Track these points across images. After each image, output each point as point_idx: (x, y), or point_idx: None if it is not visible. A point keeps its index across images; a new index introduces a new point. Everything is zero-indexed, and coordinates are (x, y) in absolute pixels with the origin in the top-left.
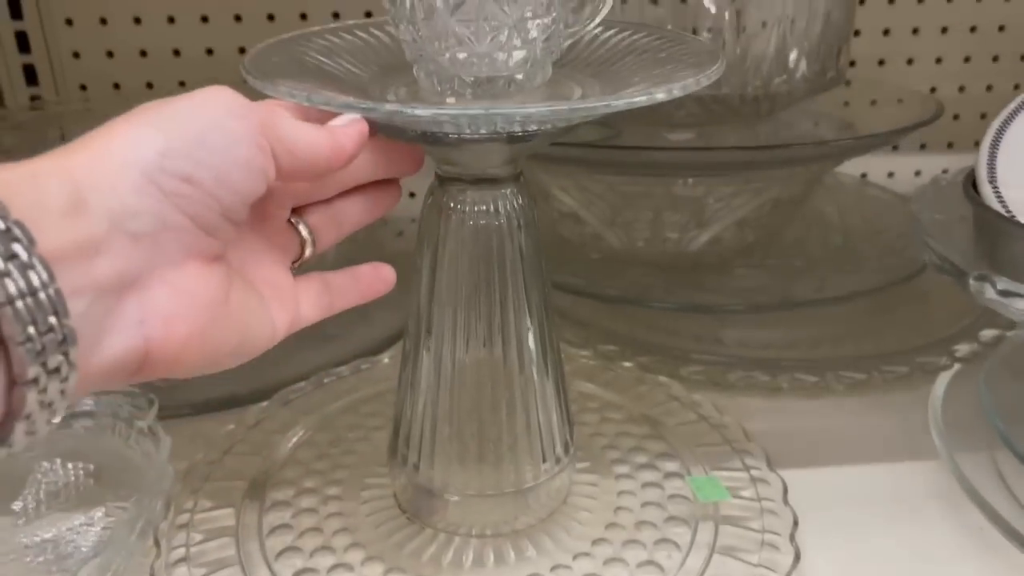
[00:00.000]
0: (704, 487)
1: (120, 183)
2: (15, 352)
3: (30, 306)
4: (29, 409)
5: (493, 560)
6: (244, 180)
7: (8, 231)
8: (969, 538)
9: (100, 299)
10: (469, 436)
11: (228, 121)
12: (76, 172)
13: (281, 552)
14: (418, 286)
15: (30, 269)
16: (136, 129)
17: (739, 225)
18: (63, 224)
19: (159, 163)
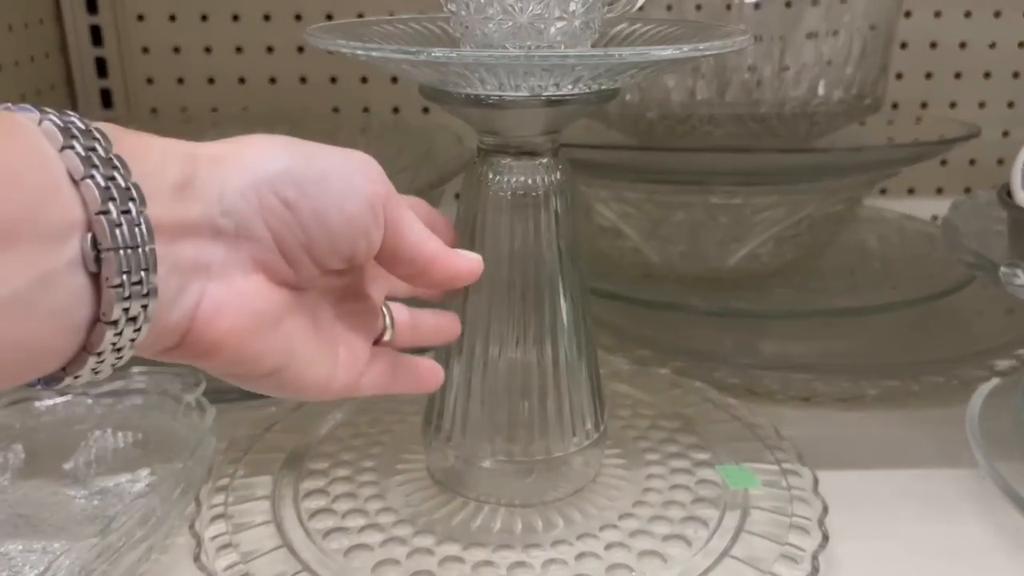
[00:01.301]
0: (733, 474)
1: (230, 183)
2: (106, 293)
3: (130, 256)
4: (103, 347)
5: (521, 528)
6: (342, 229)
7: (128, 189)
8: (1003, 537)
9: (174, 273)
10: (501, 413)
11: (355, 176)
12: (199, 159)
13: (315, 513)
14: None
15: (137, 226)
16: (270, 146)
17: (777, 242)
18: (170, 200)
19: (271, 179)
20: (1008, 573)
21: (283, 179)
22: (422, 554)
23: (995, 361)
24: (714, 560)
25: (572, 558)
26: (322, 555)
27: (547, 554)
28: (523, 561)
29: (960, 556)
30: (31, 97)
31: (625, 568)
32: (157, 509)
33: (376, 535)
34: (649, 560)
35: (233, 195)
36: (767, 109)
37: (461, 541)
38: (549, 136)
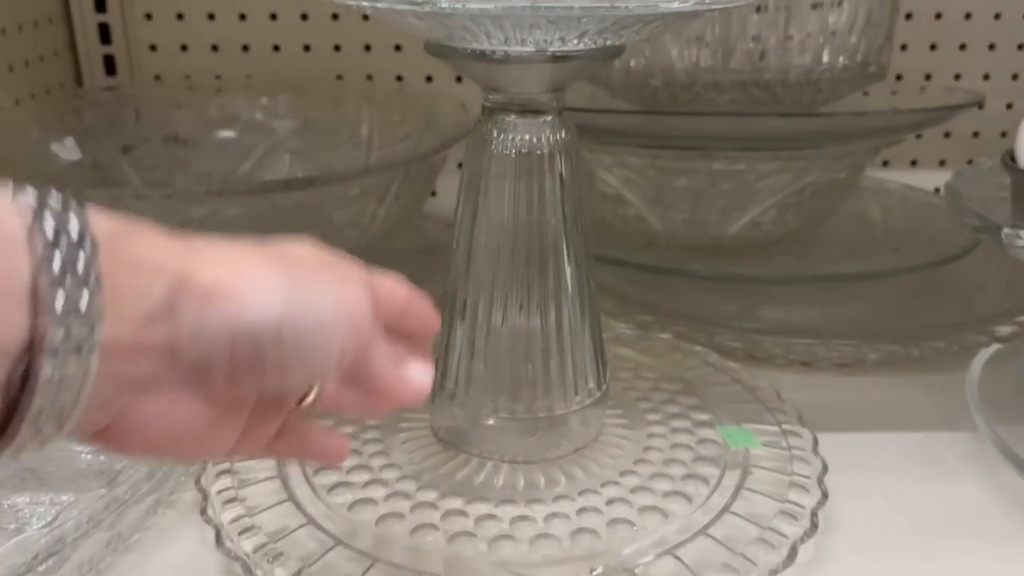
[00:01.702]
0: (734, 434)
1: (210, 321)
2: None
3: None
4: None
5: (523, 484)
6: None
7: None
8: (1002, 498)
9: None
10: (504, 374)
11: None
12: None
13: (319, 469)
14: (460, 227)
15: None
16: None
17: (780, 209)
18: (140, 325)
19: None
20: (1006, 532)
21: (267, 335)
22: (425, 508)
23: (996, 327)
24: (714, 516)
25: (574, 512)
26: (327, 509)
27: (549, 508)
28: (525, 515)
29: (958, 515)
30: (34, 63)
31: (626, 523)
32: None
33: (380, 490)
34: (650, 515)
35: (208, 332)
36: (771, 76)
37: (464, 496)
38: (554, 94)
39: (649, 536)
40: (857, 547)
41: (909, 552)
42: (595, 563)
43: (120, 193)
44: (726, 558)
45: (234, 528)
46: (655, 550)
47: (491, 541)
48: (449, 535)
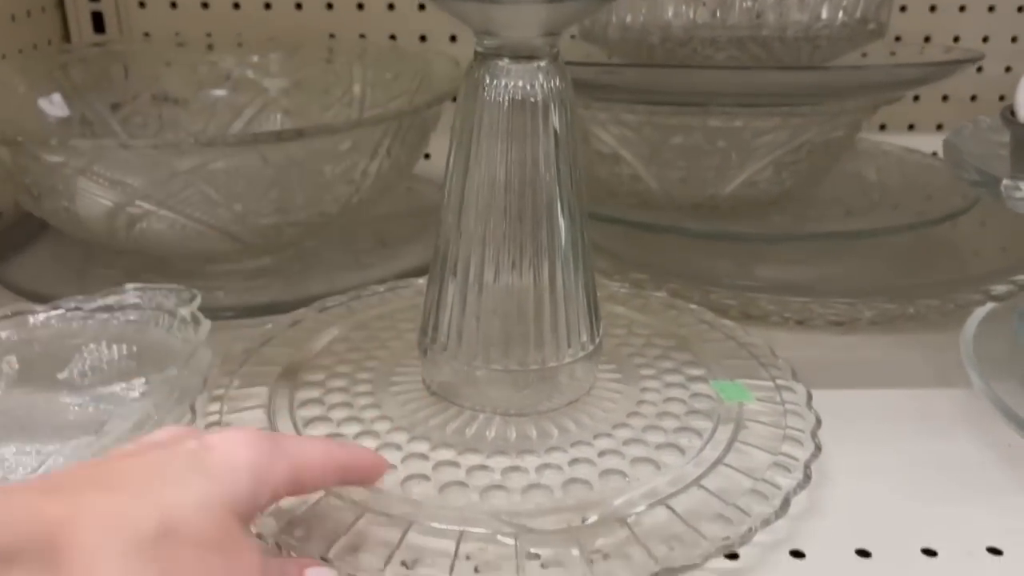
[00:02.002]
0: (728, 389)
1: None
2: None
3: None
4: None
5: (515, 436)
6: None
7: None
8: (995, 453)
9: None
10: (496, 329)
11: None
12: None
13: (310, 421)
14: (450, 180)
15: None
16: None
17: (776, 168)
18: None
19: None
20: (1000, 486)
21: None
22: (416, 459)
23: (991, 286)
24: (707, 468)
25: (566, 463)
26: None
27: (541, 459)
28: (517, 466)
29: (952, 469)
30: (21, 19)
31: (619, 474)
32: (152, 414)
33: (371, 441)
34: (642, 466)
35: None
36: (769, 33)
37: (456, 447)
38: (548, 39)
39: (641, 487)
40: (850, 499)
41: (902, 504)
42: (587, 513)
43: (105, 144)
44: (719, 508)
45: None
46: (647, 500)
47: (483, 491)
48: (440, 485)
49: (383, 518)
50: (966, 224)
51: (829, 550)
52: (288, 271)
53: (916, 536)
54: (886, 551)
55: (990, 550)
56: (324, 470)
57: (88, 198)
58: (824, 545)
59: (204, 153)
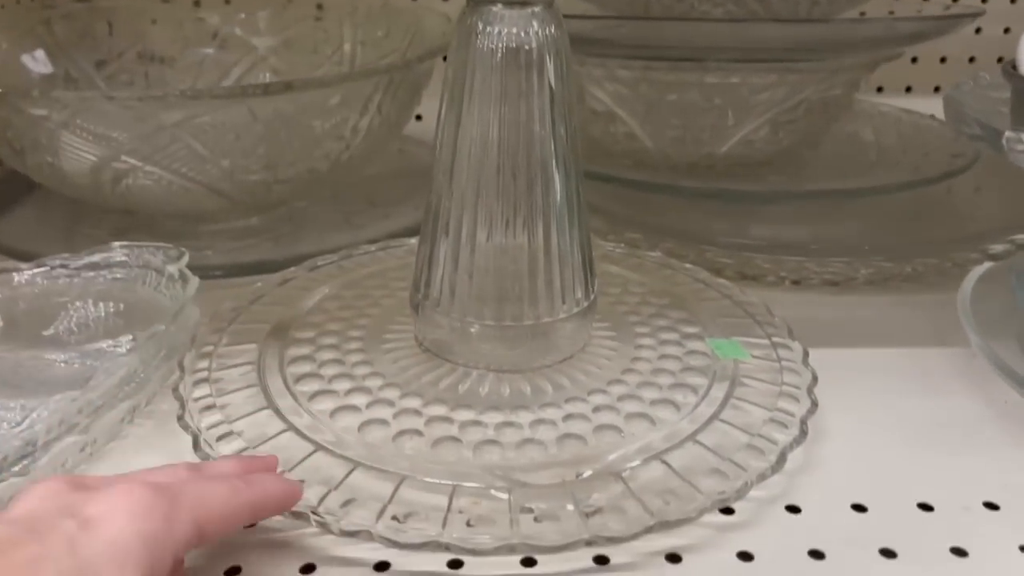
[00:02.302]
0: (723, 347)
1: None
2: None
3: None
4: None
5: (509, 392)
6: None
7: None
8: (993, 410)
9: None
10: (489, 287)
11: None
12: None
13: (300, 378)
14: (442, 135)
15: None
16: None
17: (773, 127)
18: None
19: None
20: (997, 441)
21: None
22: (409, 415)
23: (988, 245)
24: (703, 423)
25: (560, 419)
26: (309, 416)
27: (535, 415)
28: (511, 421)
29: (949, 426)
30: None
31: (613, 429)
32: (139, 370)
33: (363, 397)
34: (637, 422)
35: None
36: None
37: (448, 403)
38: None
39: (636, 442)
40: (846, 455)
41: (898, 460)
42: (581, 468)
43: (89, 96)
44: (714, 463)
45: (212, 434)
46: (642, 455)
47: (476, 446)
48: (433, 440)
49: (375, 473)
50: (963, 183)
51: (825, 504)
52: (278, 231)
53: (912, 491)
54: (882, 505)
55: (987, 505)
56: (231, 515)
57: (72, 153)
58: (820, 500)
59: (190, 107)
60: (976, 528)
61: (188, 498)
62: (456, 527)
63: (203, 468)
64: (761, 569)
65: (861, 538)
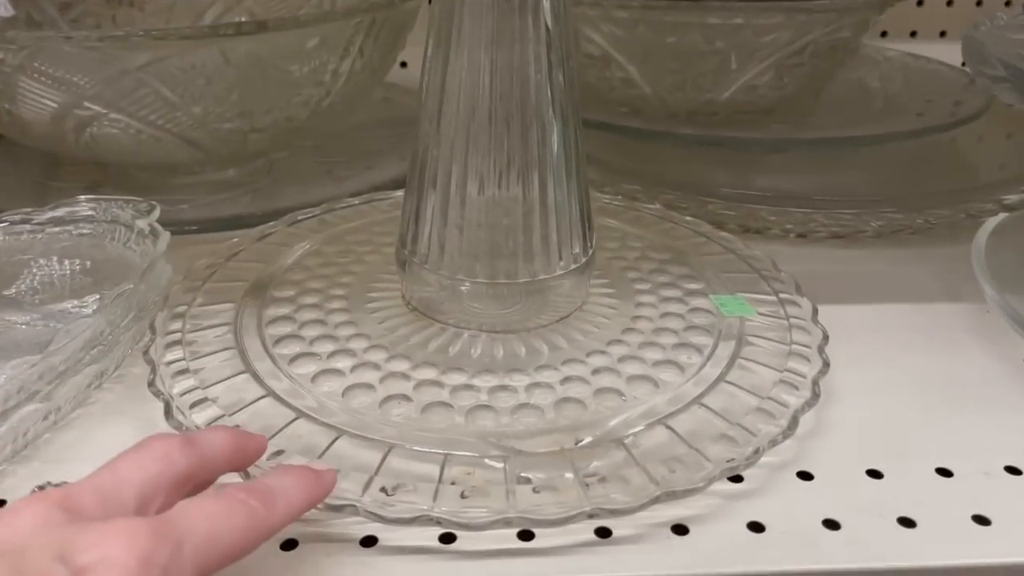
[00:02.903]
0: (728, 303)
1: None
2: None
3: None
4: None
5: (503, 354)
6: None
7: None
8: (1009, 366)
9: None
10: (481, 243)
11: None
12: None
13: (280, 339)
14: (428, 79)
15: None
16: None
17: (777, 71)
18: None
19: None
20: (1015, 402)
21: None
22: (396, 379)
23: (1003, 196)
24: (708, 386)
25: (557, 382)
26: (289, 381)
27: (531, 379)
28: (505, 385)
29: (964, 385)
30: None
31: (614, 392)
32: (105, 332)
33: (347, 360)
34: (639, 385)
35: None
36: None
37: (438, 366)
38: None
39: (639, 406)
40: (860, 418)
41: (914, 423)
42: (581, 434)
43: (46, 36)
44: (722, 428)
45: (185, 401)
46: (645, 420)
47: (467, 412)
48: (422, 406)
49: (361, 441)
50: (976, 131)
51: (838, 471)
52: (257, 184)
53: (929, 456)
54: (898, 472)
55: (1008, 469)
56: (244, 549)
57: (31, 99)
58: (833, 466)
59: (156, 48)
60: (998, 494)
61: (195, 540)
62: (448, 500)
63: (197, 442)
64: (772, 540)
65: (878, 506)
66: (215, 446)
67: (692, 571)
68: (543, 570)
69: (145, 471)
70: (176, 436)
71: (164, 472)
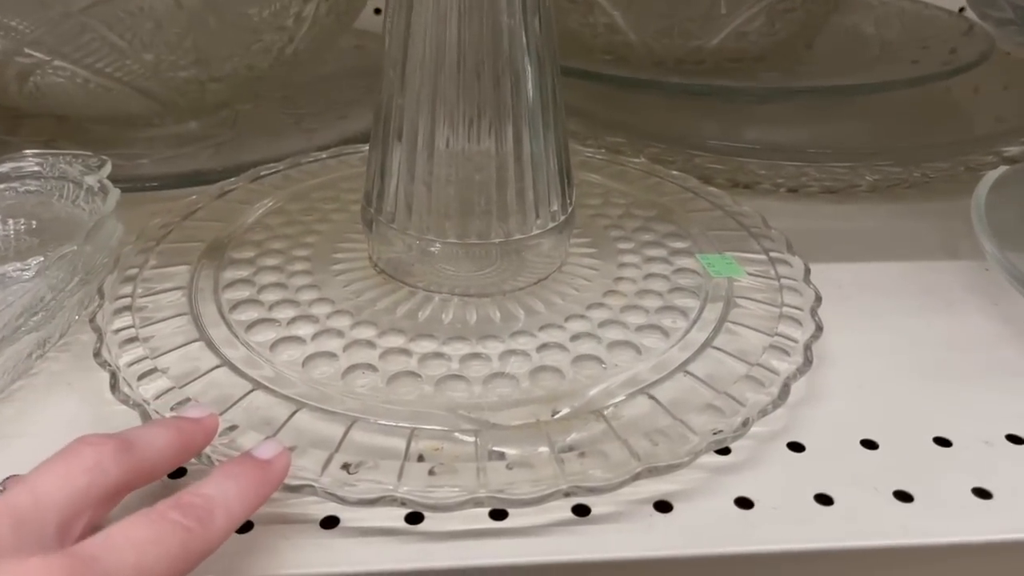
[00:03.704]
0: (716, 263)
1: None
2: None
3: None
4: None
5: (476, 320)
6: None
7: None
8: (1010, 328)
9: None
10: (451, 199)
11: None
12: None
13: (238, 304)
14: (392, 23)
15: None
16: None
17: (769, 16)
18: None
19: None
20: (1017, 366)
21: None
22: (361, 347)
23: (1004, 148)
24: (695, 351)
25: (534, 350)
26: (246, 350)
27: (506, 345)
28: (478, 353)
29: (965, 349)
30: None
31: (594, 359)
32: (47, 297)
33: (308, 327)
34: (621, 351)
35: None
36: None
37: (407, 333)
38: None
39: (620, 374)
40: (853, 385)
41: (911, 389)
42: (558, 405)
43: None
44: (709, 397)
45: (133, 372)
46: (627, 389)
47: (437, 382)
48: (388, 376)
49: (322, 414)
50: (972, 80)
51: (832, 441)
52: (220, 137)
53: (927, 424)
54: (894, 441)
55: (1010, 438)
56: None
57: None
58: (826, 436)
59: None
60: (999, 465)
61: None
62: (414, 478)
63: (134, 447)
64: (762, 517)
65: (873, 479)
66: (155, 449)
67: (676, 551)
68: (516, 551)
69: (70, 486)
70: (110, 440)
71: (93, 484)
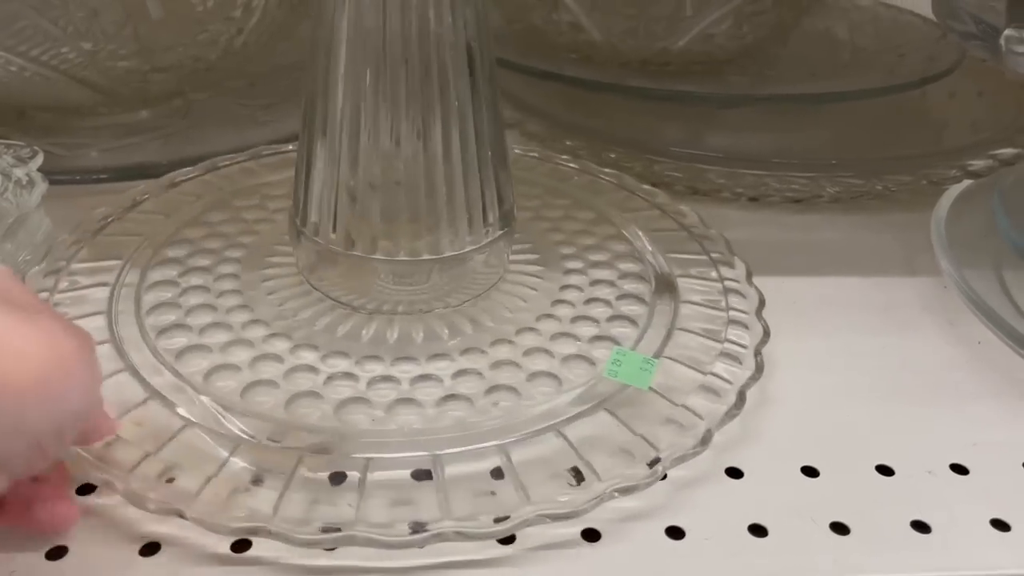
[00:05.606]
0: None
1: None
2: None
3: None
4: None
5: (423, 337)
6: None
7: None
8: (964, 350)
9: None
10: (376, 209)
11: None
12: None
13: (156, 306)
14: (317, 17)
15: None
16: None
17: (737, 18)
18: None
19: None
20: (966, 390)
21: None
22: (304, 372)
23: (968, 161)
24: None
25: (487, 368)
26: (175, 379)
27: (457, 365)
28: (429, 374)
29: (914, 371)
30: None
31: (549, 376)
32: None
33: (244, 353)
34: (575, 365)
35: None
36: None
37: (351, 355)
38: None
39: (575, 389)
40: (800, 405)
41: (855, 413)
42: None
43: None
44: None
45: None
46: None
47: (388, 407)
48: (336, 403)
49: (265, 451)
50: (937, 89)
51: (771, 468)
52: (170, 127)
53: (870, 451)
54: (836, 469)
55: (954, 468)
56: None
57: None
58: (766, 462)
59: None
60: (941, 496)
61: None
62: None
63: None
64: (692, 548)
65: (810, 509)
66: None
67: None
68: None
69: None
70: None
71: None
